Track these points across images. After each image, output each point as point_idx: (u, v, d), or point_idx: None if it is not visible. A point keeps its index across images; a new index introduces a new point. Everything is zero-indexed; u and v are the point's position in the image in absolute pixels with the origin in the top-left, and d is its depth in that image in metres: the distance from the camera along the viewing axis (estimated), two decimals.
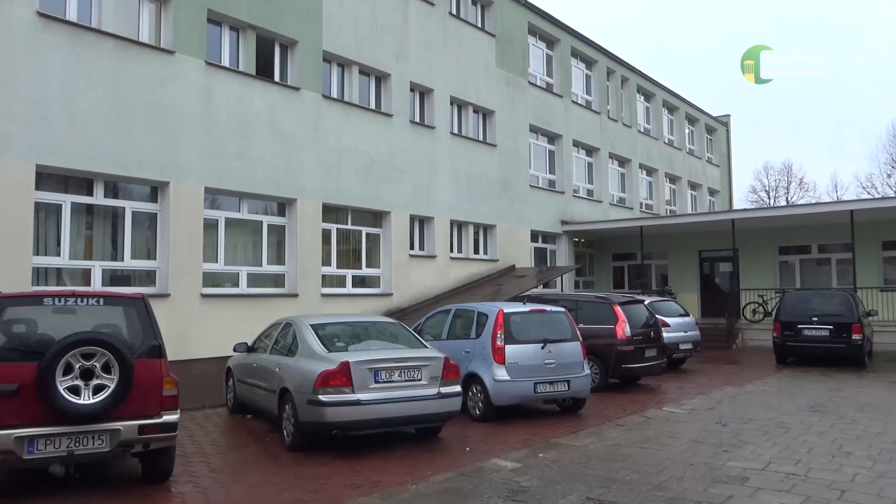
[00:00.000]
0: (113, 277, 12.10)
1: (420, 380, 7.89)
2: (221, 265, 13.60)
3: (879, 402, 10.89)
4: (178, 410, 6.32)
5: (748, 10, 78.60)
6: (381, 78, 17.51)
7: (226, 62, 13.90)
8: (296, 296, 14.54)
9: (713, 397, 11.55)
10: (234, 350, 10.15)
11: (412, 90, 18.34)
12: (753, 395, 11.80)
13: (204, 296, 12.84)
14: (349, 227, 16.47)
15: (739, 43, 76.77)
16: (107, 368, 5.87)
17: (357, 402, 7.44)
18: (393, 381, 7.72)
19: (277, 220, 14.81)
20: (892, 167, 46.95)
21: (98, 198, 11.87)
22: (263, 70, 14.70)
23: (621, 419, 9.67)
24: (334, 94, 16.27)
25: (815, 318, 15.50)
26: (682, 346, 15.41)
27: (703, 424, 9.24)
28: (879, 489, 6.16)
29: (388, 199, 17.05)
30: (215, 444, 8.44)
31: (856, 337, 15.00)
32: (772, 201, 52.40)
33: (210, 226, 13.40)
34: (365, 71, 17.10)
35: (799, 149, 69.81)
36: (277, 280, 14.76)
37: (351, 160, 16.13)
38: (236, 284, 13.89)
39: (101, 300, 6.55)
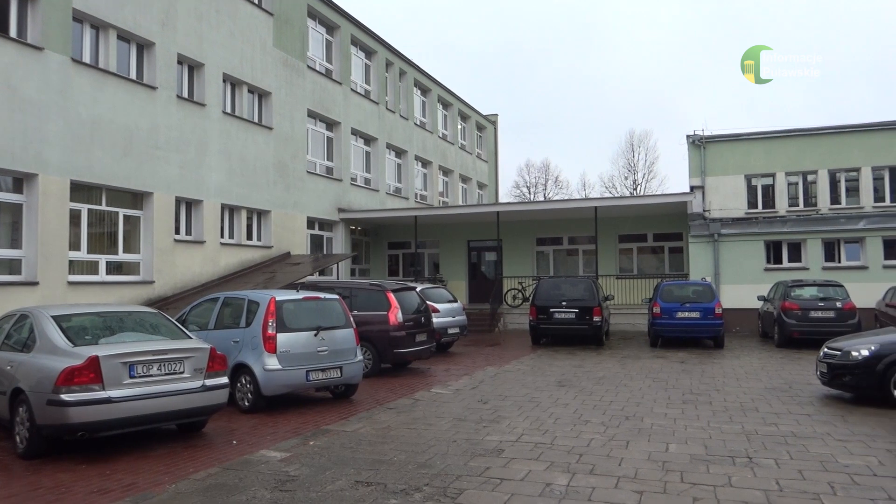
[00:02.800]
0: None
1: (182, 372, 7.42)
2: None
3: (612, 375, 12.48)
4: None
5: (525, 12, 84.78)
6: (143, 46, 16.04)
7: None
8: (36, 284, 12.85)
9: (476, 377, 12.36)
10: None
11: (180, 63, 17.07)
12: (511, 373, 12.84)
13: None
14: (104, 207, 14.91)
15: (518, 45, 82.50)
16: None
17: (108, 400, 6.79)
18: (151, 376, 7.16)
19: (13, 198, 12.94)
20: (629, 170, 53.90)
21: None
22: None
23: (391, 402, 9.97)
24: (87, 58, 14.58)
25: (563, 303, 17.27)
26: (450, 331, 16.26)
27: (466, 403, 9.86)
28: (609, 451, 7.06)
29: (150, 178, 15.71)
30: None
31: (596, 319, 17.00)
32: (532, 196, 57.32)
33: None
34: (124, 37, 15.54)
35: (556, 148, 77.14)
36: (13, 266, 12.91)
37: (106, 134, 14.60)
38: None
39: None
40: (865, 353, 9.39)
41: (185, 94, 17.27)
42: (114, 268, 15.23)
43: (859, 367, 9.36)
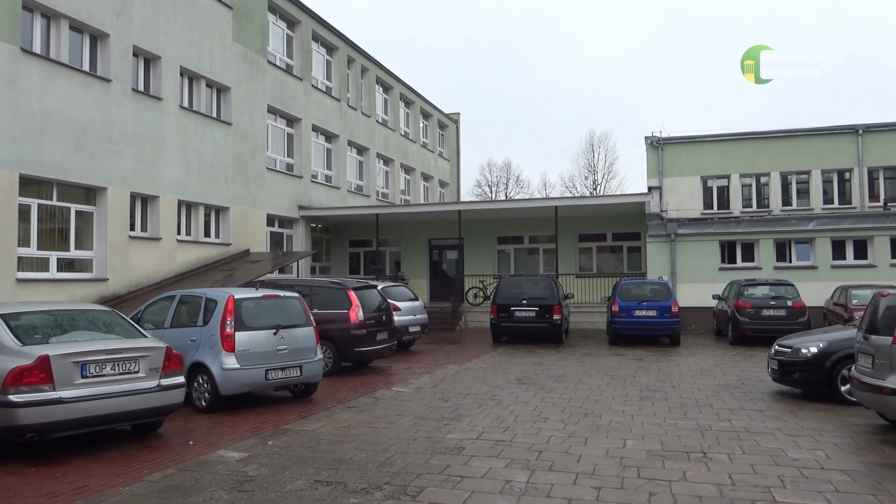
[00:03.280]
0: None
1: (137, 372, 7.25)
2: None
3: (572, 372, 12.62)
4: None
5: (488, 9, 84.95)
6: (97, 37, 15.62)
7: None
8: None
9: (437, 375, 12.38)
10: None
11: (136, 55, 16.68)
12: (472, 371, 12.89)
13: None
14: (54, 203, 14.48)
15: (479, 44, 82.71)
16: None
17: (59, 401, 6.60)
18: (104, 375, 6.99)
19: None
20: (589, 170, 54.58)
21: None
22: None
23: (352, 401, 9.91)
24: (37, 49, 14.13)
25: (524, 301, 17.41)
26: (411, 329, 16.24)
27: (427, 401, 9.86)
28: (568, 447, 7.14)
29: (104, 173, 15.32)
30: None
31: (556, 317, 17.18)
32: (493, 195, 57.56)
33: None
34: (77, 27, 15.12)
35: (518, 148, 77.61)
36: None
37: (58, 127, 14.18)
38: None
39: None
40: (814, 350, 9.69)
41: (141, 88, 16.88)
42: (65, 265, 14.81)
43: (808, 363, 9.66)
